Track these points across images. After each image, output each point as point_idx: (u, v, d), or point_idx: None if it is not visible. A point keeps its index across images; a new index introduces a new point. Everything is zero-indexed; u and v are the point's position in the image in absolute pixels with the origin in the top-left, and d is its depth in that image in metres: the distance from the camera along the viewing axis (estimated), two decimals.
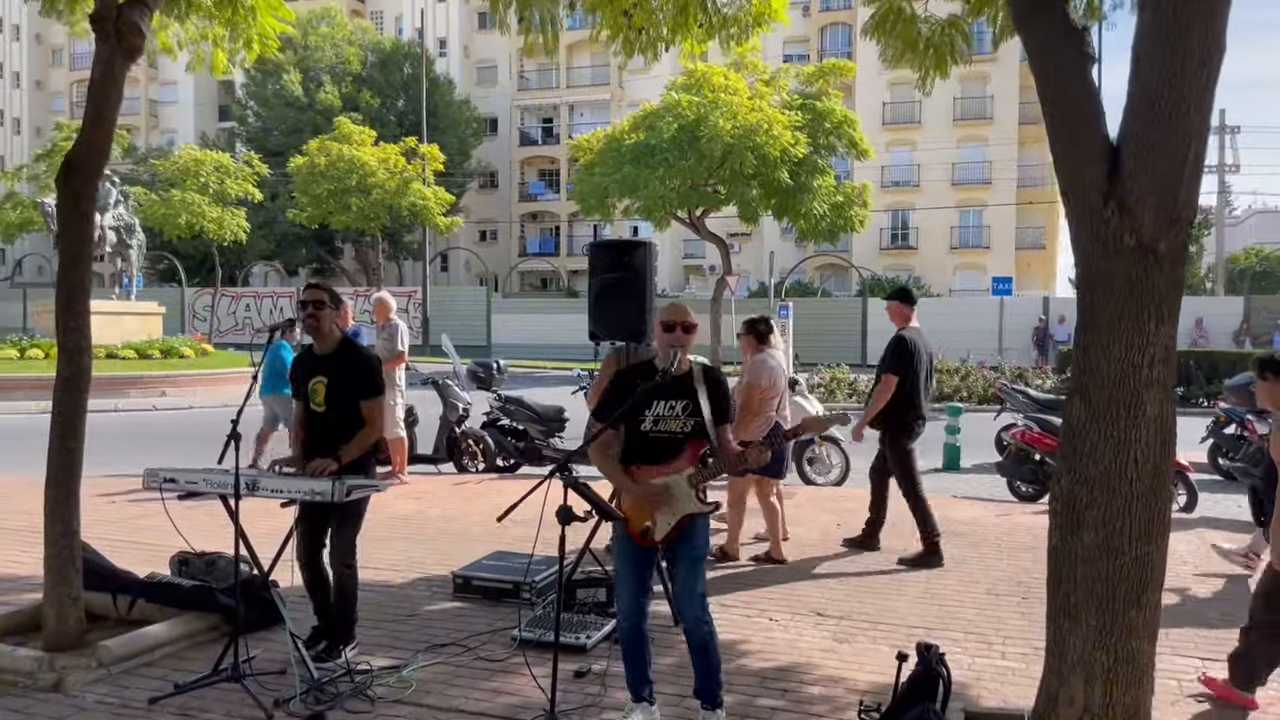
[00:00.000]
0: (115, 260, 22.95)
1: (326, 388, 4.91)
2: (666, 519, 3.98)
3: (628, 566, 4.08)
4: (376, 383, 5.00)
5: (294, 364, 5.16)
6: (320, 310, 4.95)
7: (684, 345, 4.06)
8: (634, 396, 4.02)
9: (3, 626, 5.26)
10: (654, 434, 4.01)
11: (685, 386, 4.01)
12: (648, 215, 28.45)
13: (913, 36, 8.11)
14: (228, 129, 53.86)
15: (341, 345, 5.02)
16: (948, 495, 10.09)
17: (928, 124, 48.26)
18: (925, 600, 6.21)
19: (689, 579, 4.05)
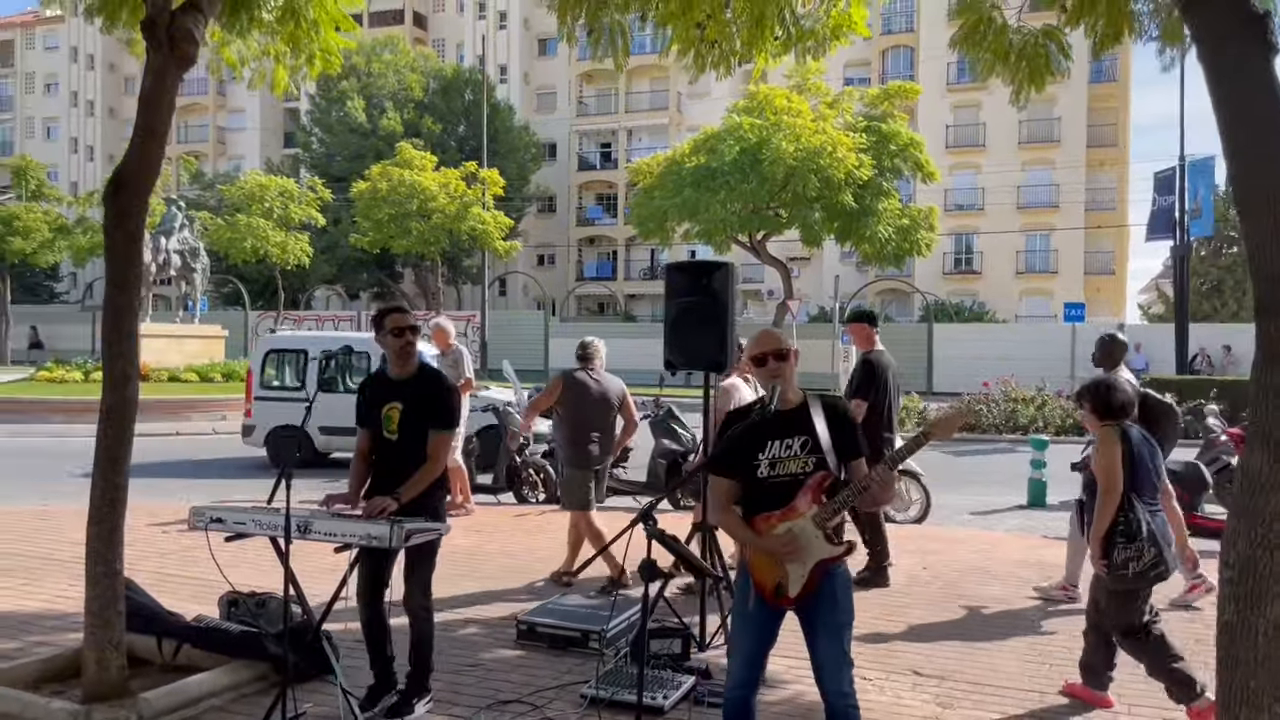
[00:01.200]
0: (180, 283, 23.11)
1: (401, 414, 4.57)
2: (798, 570, 3.50)
3: (747, 630, 3.60)
4: (453, 413, 4.68)
5: (364, 388, 4.82)
6: (416, 337, 4.66)
7: (784, 376, 3.60)
8: (729, 439, 3.58)
9: (42, 672, 4.95)
10: (773, 479, 3.54)
11: (800, 421, 3.55)
12: (708, 239, 28.11)
13: (1004, 48, 7.62)
14: (292, 155, 54.65)
15: (420, 370, 4.70)
16: (1037, 535, 9.45)
17: (992, 147, 47.36)
18: (1032, 658, 5.64)
19: (833, 646, 3.51)
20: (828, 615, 3.54)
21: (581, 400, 7.08)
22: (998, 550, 8.49)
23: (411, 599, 4.55)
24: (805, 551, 3.47)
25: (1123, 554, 4.59)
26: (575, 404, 7.08)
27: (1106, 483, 4.67)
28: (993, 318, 43.78)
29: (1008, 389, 19.16)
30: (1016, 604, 6.77)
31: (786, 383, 3.61)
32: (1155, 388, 18.45)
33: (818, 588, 3.48)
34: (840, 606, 3.54)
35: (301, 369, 13.20)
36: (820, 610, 3.54)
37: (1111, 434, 4.75)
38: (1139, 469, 4.69)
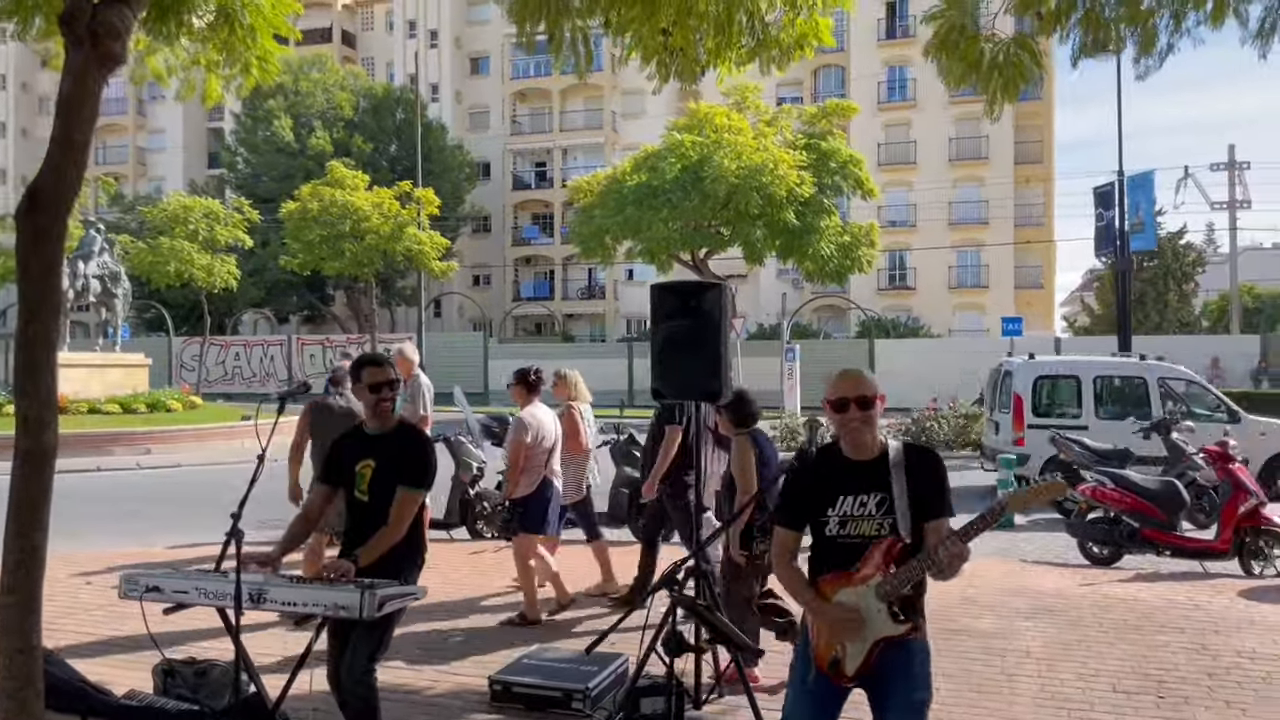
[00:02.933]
0: (100, 310, 21.99)
1: (374, 472, 4.08)
2: (857, 647, 3.07)
3: (802, 705, 3.16)
4: (427, 473, 4.16)
5: (335, 444, 4.30)
6: (395, 393, 4.16)
7: (869, 423, 3.14)
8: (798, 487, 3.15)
9: None
10: (842, 539, 3.10)
11: (878, 475, 3.09)
12: (650, 257, 27.76)
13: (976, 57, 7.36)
14: (217, 175, 53.13)
15: (399, 426, 4.22)
16: (1015, 559, 9.17)
17: (924, 164, 47.93)
18: (1045, 701, 5.27)
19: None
20: (901, 692, 3.11)
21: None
22: (981, 577, 8.16)
23: (349, 674, 3.97)
24: (865, 626, 3.04)
25: (761, 546, 5.17)
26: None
27: (745, 483, 5.32)
28: (927, 332, 44.14)
29: (957, 405, 19.07)
30: (1014, 639, 6.41)
31: (871, 430, 3.16)
32: None
33: (884, 660, 3.04)
34: (916, 682, 3.12)
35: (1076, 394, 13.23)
36: (892, 685, 3.11)
37: (746, 441, 5.44)
38: (768, 469, 5.42)
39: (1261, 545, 8.45)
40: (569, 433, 7.44)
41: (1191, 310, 48.14)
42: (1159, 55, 8.16)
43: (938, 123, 47.45)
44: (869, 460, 3.16)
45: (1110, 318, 40.52)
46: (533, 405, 6.94)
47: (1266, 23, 6.89)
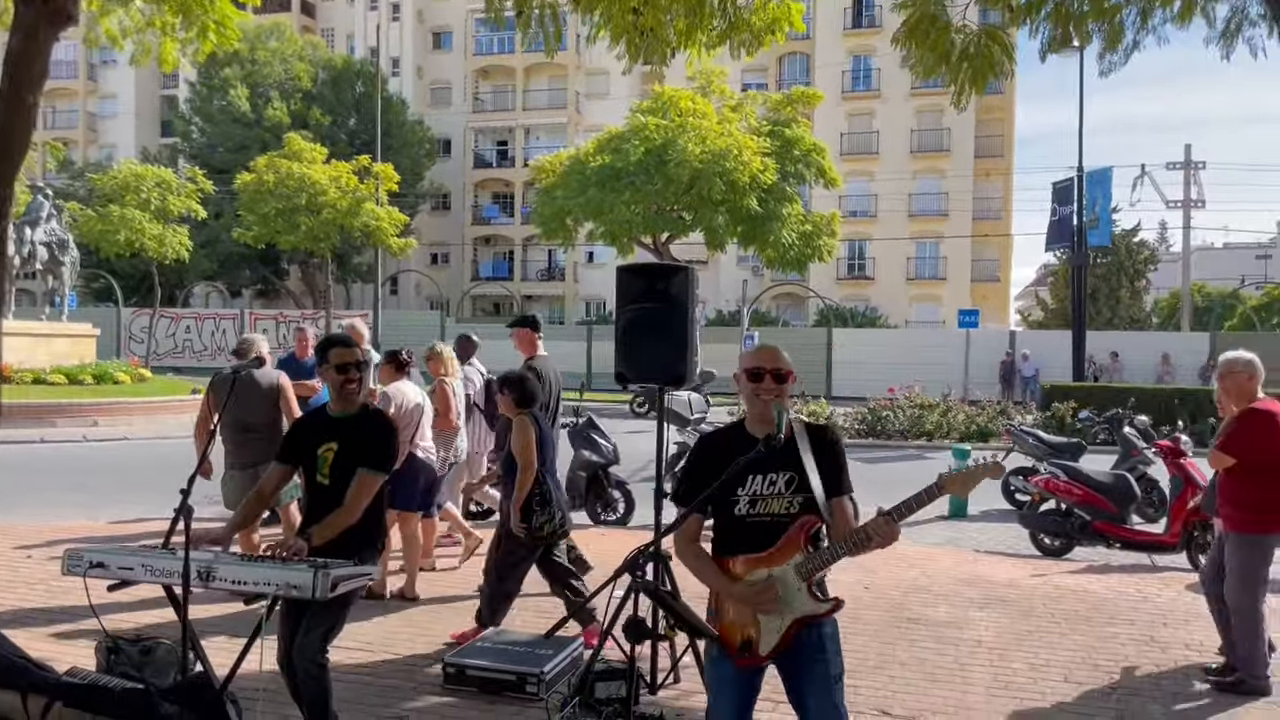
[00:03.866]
0: (46, 278, 21.43)
1: (335, 455, 3.98)
2: (773, 625, 3.02)
3: (725, 695, 3.12)
4: (389, 457, 4.07)
5: (298, 424, 4.21)
6: (361, 374, 4.04)
7: (780, 397, 3.13)
8: (704, 467, 3.11)
9: None
10: (752, 518, 3.07)
11: (787, 454, 3.07)
12: (611, 240, 27.66)
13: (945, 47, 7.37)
14: (170, 144, 51.99)
15: (363, 409, 4.12)
16: (967, 549, 9.25)
17: (885, 155, 48.22)
18: (999, 691, 5.31)
19: (825, 702, 3.04)
20: (816, 667, 3.07)
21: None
22: (934, 566, 8.23)
23: (301, 653, 3.89)
24: (784, 605, 3.01)
25: (539, 518, 5.59)
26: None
27: (525, 460, 5.61)
28: (884, 323, 44.53)
29: (913, 396, 19.22)
30: (967, 628, 6.45)
31: (782, 404, 3.14)
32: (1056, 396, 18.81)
33: (797, 639, 3.03)
34: (830, 659, 3.09)
35: None
36: (805, 662, 3.08)
37: (527, 420, 5.68)
38: (545, 448, 5.74)
39: (1209, 540, 8.60)
40: (440, 409, 7.51)
41: (1143, 307, 49.02)
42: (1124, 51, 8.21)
43: (900, 114, 47.75)
44: (769, 434, 3.11)
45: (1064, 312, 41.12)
46: (398, 381, 6.96)
47: (1232, 23, 6.96)
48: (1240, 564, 5.31)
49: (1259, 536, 5.28)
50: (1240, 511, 5.32)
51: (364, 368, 4.02)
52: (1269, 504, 5.23)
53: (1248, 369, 5.41)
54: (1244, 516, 5.29)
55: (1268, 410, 5.31)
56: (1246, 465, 5.27)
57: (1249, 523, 5.28)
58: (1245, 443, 5.29)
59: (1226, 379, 5.46)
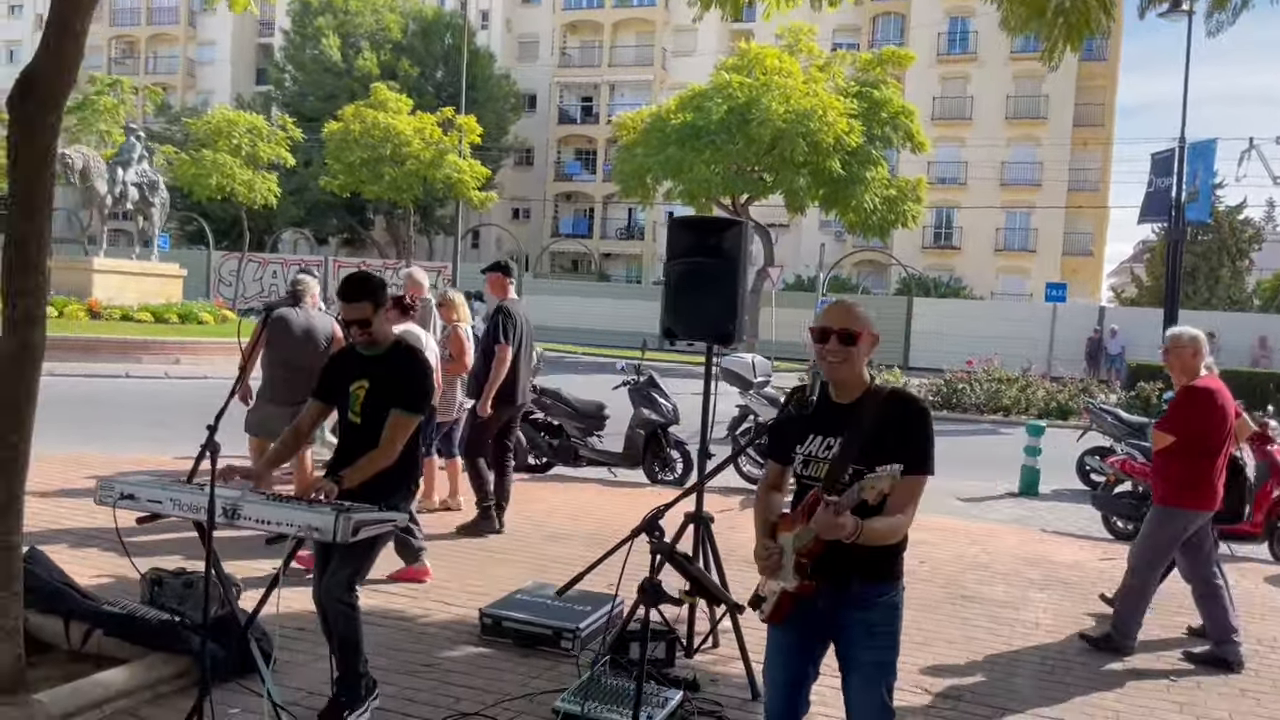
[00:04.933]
0: (137, 218, 22.02)
1: (368, 394, 3.92)
2: (774, 590, 2.89)
3: (771, 652, 3.01)
4: (423, 395, 4.00)
5: (331, 360, 4.17)
6: (369, 328, 3.92)
7: (847, 360, 2.92)
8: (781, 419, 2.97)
9: None
10: (804, 478, 2.93)
11: (851, 418, 2.88)
12: (689, 199, 27.33)
13: (1042, 2, 6.98)
14: (264, 92, 52.94)
15: (394, 347, 4.03)
16: (1034, 528, 8.94)
17: (979, 120, 46.73)
18: (1048, 676, 5.09)
19: (865, 694, 2.89)
20: (860, 649, 2.91)
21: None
22: (997, 544, 7.98)
23: (329, 592, 3.87)
24: (780, 574, 2.87)
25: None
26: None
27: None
28: (969, 294, 43.42)
29: (991, 369, 18.70)
30: (1024, 609, 6.23)
31: (852, 367, 2.95)
32: (1142, 375, 18.10)
33: (847, 616, 2.88)
34: (877, 641, 2.91)
35: None
36: (851, 640, 2.92)
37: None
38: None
39: None
40: (454, 353, 7.64)
41: (1244, 288, 46.88)
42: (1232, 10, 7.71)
43: (997, 78, 46.16)
44: (848, 403, 2.95)
45: (1159, 290, 39.52)
46: (404, 325, 6.86)
47: None
48: (1154, 532, 5.42)
49: (1179, 511, 5.33)
50: (1166, 485, 5.38)
51: (368, 325, 3.90)
52: (1193, 481, 5.28)
53: (1192, 344, 5.39)
54: (1169, 491, 5.36)
55: (1206, 388, 5.33)
56: (1181, 442, 5.30)
57: (1172, 497, 5.34)
58: (1181, 421, 5.34)
59: (1170, 354, 5.47)
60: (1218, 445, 5.30)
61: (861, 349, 2.92)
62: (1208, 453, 5.27)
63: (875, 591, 2.89)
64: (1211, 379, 5.43)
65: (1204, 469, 5.26)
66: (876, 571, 2.89)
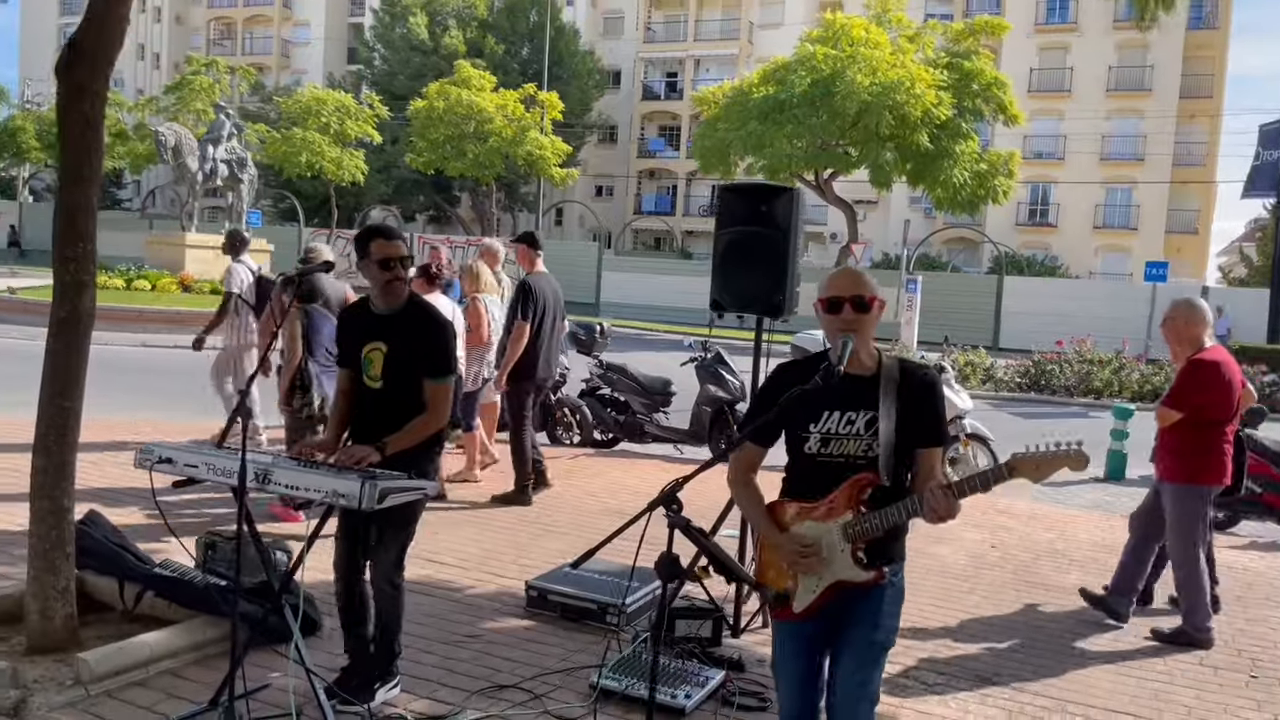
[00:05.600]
0: (227, 194, 22.59)
1: (385, 357, 3.79)
2: (811, 584, 2.75)
3: (786, 647, 2.88)
4: (448, 357, 3.85)
5: (344, 322, 4.09)
6: (406, 271, 3.81)
7: (860, 330, 2.78)
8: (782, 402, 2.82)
9: None
10: (823, 458, 2.75)
11: (870, 392, 2.74)
12: (771, 175, 26.88)
13: None
14: (355, 71, 53.86)
15: (409, 304, 3.86)
16: (1117, 514, 8.55)
17: (1078, 92, 45.04)
18: (1122, 670, 4.84)
19: (858, 672, 2.76)
20: (860, 629, 2.77)
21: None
22: (1074, 529, 7.65)
23: (378, 572, 3.84)
24: (824, 565, 2.72)
25: (299, 400, 6.35)
26: None
27: (290, 348, 6.33)
28: (1065, 273, 42.01)
29: (1083, 350, 18.00)
30: None
31: (864, 338, 2.79)
32: (1247, 357, 17.25)
33: (842, 600, 2.75)
34: (880, 623, 2.77)
35: None
36: (852, 620, 2.77)
37: (296, 314, 6.30)
38: (313, 339, 6.32)
39: None
40: (472, 324, 7.61)
41: None
42: None
43: (1098, 48, 44.38)
44: (863, 376, 2.78)
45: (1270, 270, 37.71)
46: (430, 295, 6.79)
47: None
48: (1179, 516, 5.22)
49: (1196, 487, 5.18)
50: (1179, 461, 5.21)
51: (408, 263, 3.82)
52: (1204, 455, 5.13)
53: (1184, 314, 5.25)
54: (1182, 466, 5.19)
55: (1211, 360, 5.17)
56: (1188, 417, 5.14)
57: (1187, 473, 5.18)
58: (1187, 396, 5.17)
59: (1165, 325, 5.37)
60: (1225, 417, 5.15)
61: (875, 316, 2.78)
62: (1215, 425, 5.13)
63: (891, 572, 2.78)
64: (1217, 350, 5.27)
65: (1213, 441, 5.14)
66: (890, 552, 2.77)
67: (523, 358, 7.17)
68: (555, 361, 7.62)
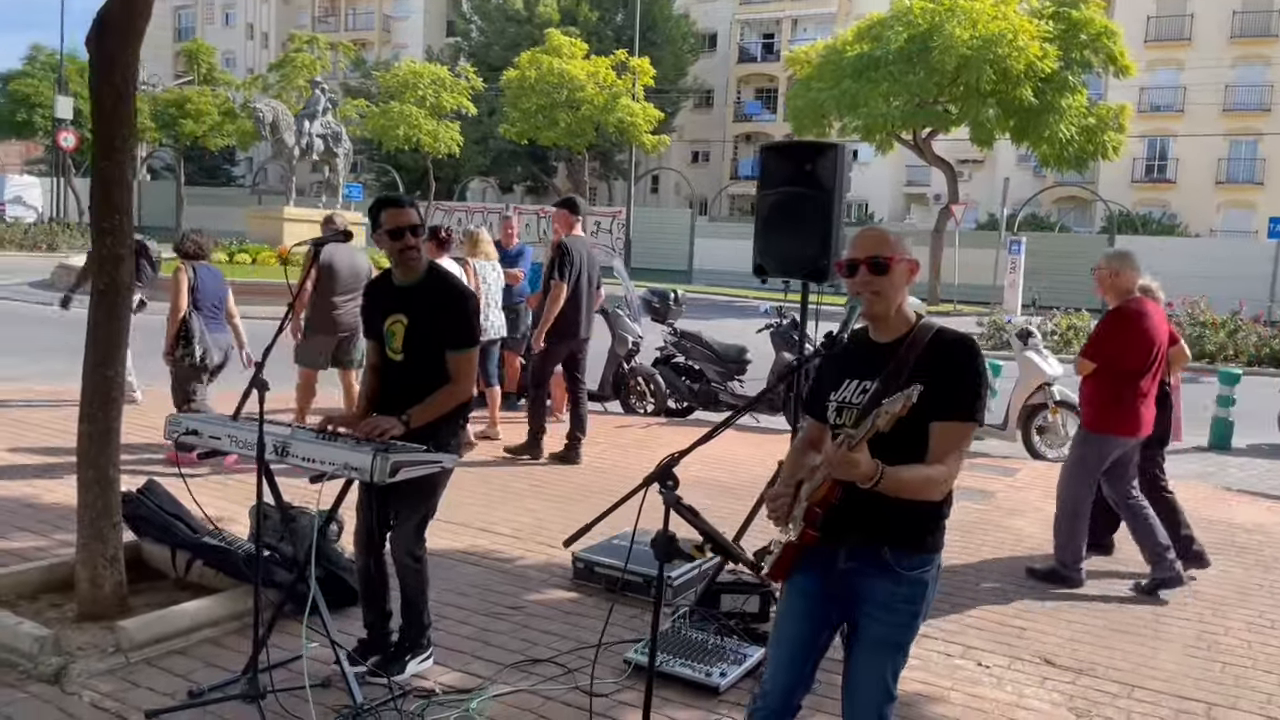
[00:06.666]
0: (323, 168, 23.06)
1: (406, 329, 3.73)
2: (779, 544, 2.57)
3: (782, 611, 2.71)
4: (470, 328, 3.77)
5: (368, 294, 4.04)
6: (419, 239, 3.72)
7: (882, 292, 2.57)
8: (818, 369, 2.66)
9: (44, 580, 4.49)
10: (836, 428, 2.55)
11: (892, 359, 2.53)
12: (867, 136, 26.17)
13: None
14: (453, 44, 54.42)
15: (428, 275, 3.78)
16: (1216, 485, 8.06)
17: (1199, 41, 42.58)
18: (1201, 651, 4.52)
19: (869, 669, 2.56)
20: (874, 622, 2.55)
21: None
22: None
23: (397, 547, 3.79)
24: (788, 521, 2.52)
25: (182, 350, 6.76)
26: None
27: (175, 302, 6.77)
28: (1184, 231, 39.98)
29: (1195, 311, 17.07)
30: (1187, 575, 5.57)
31: (888, 302, 2.59)
32: None
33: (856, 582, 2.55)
34: (895, 617, 2.54)
35: None
36: (867, 611, 2.56)
37: (185, 267, 6.84)
38: (200, 295, 6.83)
39: None
40: None
41: None
42: None
43: None
44: (888, 343, 2.57)
45: None
46: (440, 259, 6.89)
47: None
48: (1078, 459, 5.33)
49: (1104, 436, 5.20)
50: (1093, 410, 5.28)
51: (419, 231, 3.74)
52: (1115, 405, 5.16)
53: (1112, 264, 5.30)
54: (1095, 415, 5.27)
55: (1131, 310, 5.21)
56: (1102, 366, 5.19)
57: (1100, 422, 5.23)
58: (1101, 345, 5.24)
59: (1095, 274, 5.39)
60: (1137, 367, 5.14)
61: (896, 279, 2.56)
62: (1128, 376, 5.14)
63: (906, 562, 2.53)
64: (1143, 301, 5.28)
65: (1126, 393, 5.14)
66: (910, 539, 2.53)
67: (561, 318, 7.29)
68: (590, 321, 7.74)
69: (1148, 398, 5.19)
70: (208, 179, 53.58)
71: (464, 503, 6.16)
